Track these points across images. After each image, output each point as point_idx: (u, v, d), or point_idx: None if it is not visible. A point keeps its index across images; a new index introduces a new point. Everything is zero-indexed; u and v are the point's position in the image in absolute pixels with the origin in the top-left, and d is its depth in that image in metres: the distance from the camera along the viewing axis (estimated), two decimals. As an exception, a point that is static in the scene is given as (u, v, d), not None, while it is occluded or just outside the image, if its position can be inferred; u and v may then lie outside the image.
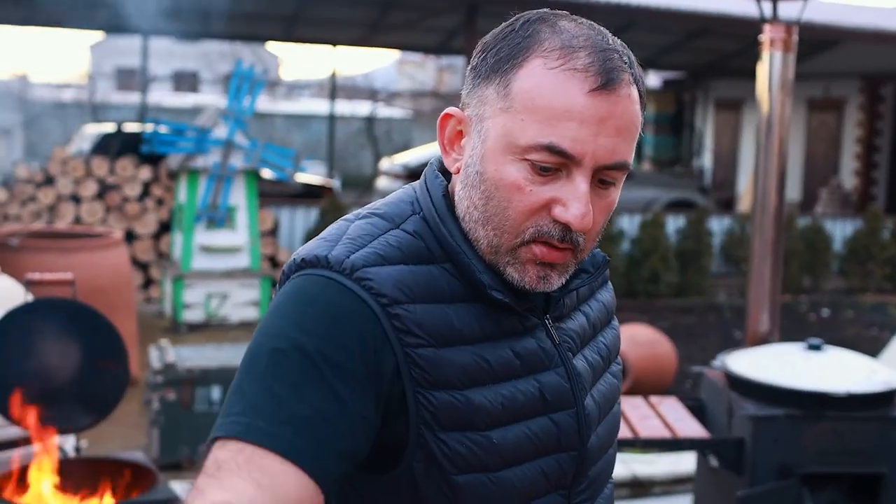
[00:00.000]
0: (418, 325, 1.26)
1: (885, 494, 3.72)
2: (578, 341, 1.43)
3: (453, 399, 1.27)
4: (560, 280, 1.34)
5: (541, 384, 1.35)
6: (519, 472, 1.33)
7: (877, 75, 17.09)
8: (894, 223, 13.11)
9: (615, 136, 1.27)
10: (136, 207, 9.61)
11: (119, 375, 3.50)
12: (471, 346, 1.30)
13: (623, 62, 1.28)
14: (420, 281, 1.29)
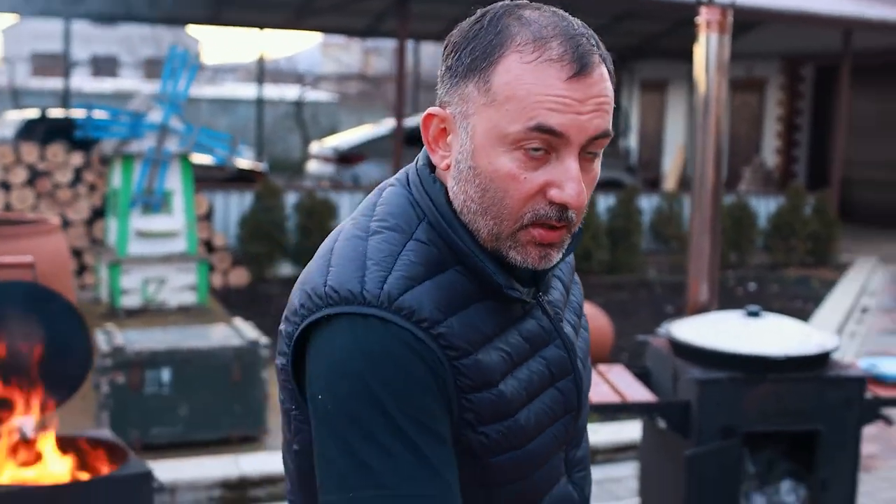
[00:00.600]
0: (458, 337, 1.36)
1: (821, 450, 3.92)
2: (562, 308, 1.55)
3: (491, 396, 1.38)
4: (559, 256, 1.43)
5: (546, 360, 1.48)
6: (539, 441, 1.46)
7: (797, 56, 17.53)
8: (816, 200, 13.51)
9: (595, 113, 1.36)
10: (67, 194, 9.54)
11: (83, 354, 3.55)
12: (491, 342, 1.40)
13: (591, 45, 1.38)
14: (445, 293, 1.37)
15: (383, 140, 14.90)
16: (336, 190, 12.07)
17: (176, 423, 5.51)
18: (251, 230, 10.53)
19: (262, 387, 5.71)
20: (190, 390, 5.54)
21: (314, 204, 10.96)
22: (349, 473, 1.30)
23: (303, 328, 1.39)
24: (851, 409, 3.94)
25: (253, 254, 10.52)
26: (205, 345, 5.62)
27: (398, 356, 1.31)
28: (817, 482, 3.99)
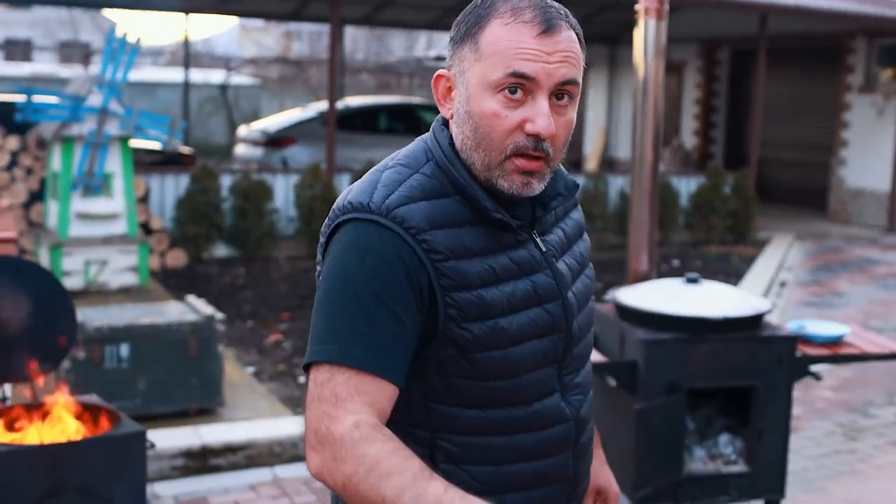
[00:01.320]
0: (441, 245, 1.68)
1: (756, 404, 4.26)
2: (559, 250, 1.86)
3: (471, 297, 1.70)
4: (540, 186, 1.75)
5: (534, 283, 1.78)
6: (522, 349, 1.75)
7: (713, 40, 17.99)
8: (735, 179, 13.96)
9: (561, 63, 1.69)
10: (4, 177, 9.57)
11: (67, 325, 3.72)
12: (480, 257, 1.72)
13: (559, 14, 1.71)
14: (438, 212, 1.71)
15: (312, 123, 15.01)
16: (271, 172, 12.20)
17: (135, 396, 5.67)
18: (188, 212, 10.64)
19: (219, 360, 5.90)
20: (148, 365, 5.70)
21: (250, 186, 11.10)
22: (322, 332, 1.65)
23: (327, 235, 1.75)
24: (783, 367, 4.28)
25: (190, 235, 10.63)
26: (162, 320, 5.79)
27: (382, 252, 1.65)
28: (753, 433, 4.33)
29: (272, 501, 5.01)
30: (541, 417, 1.79)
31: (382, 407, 1.61)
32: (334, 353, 1.61)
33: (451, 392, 1.73)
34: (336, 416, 1.57)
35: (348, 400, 1.58)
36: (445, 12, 16.10)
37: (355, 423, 1.55)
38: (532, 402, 1.79)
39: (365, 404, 1.59)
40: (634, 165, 4.86)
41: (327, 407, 1.58)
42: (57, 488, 3.18)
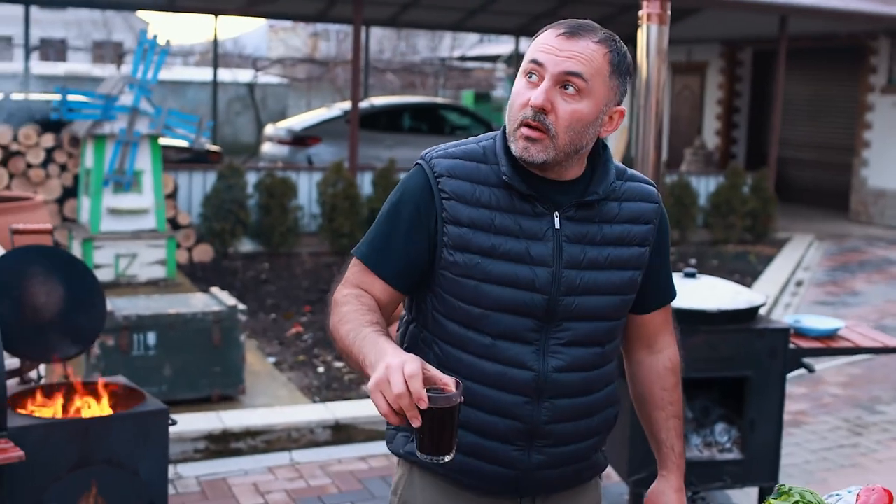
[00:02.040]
0: (452, 189, 2.13)
1: (750, 394, 4.46)
2: (581, 238, 2.16)
3: (459, 231, 2.12)
4: (539, 155, 2.09)
5: (529, 246, 2.12)
6: (496, 289, 2.12)
7: (736, 40, 18.10)
8: (754, 179, 14.07)
9: (569, 59, 2.07)
10: (40, 174, 9.88)
11: (97, 311, 3.98)
12: (485, 209, 2.12)
13: (589, 28, 2.10)
14: (464, 169, 2.15)
15: (337, 122, 15.25)
16: (295, 170, 12.46)
17: (161, 382, 5.92)
18: (214, 208, 10.92)
19: (241, 349, 6.16)
20: (173, 352, 5.96)
21: (274, 183, 11.37)
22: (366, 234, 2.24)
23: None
24: (776, 358, 4.48)
25: (216, 231, 10.92)
26: (187, 310, 6.05)
27: (414, 186, 2.17)
28: (747, 422, 4.53)
29: (289, 483, 5.25)
30: (503, 353, 2.13)
31: (374, 294, 2.16)
32: (358, 249, 2.21)
33: (444, 304, 2.16)
34: (340, 288, 2.18)
35: (350, 281, 2.18)
36: (469, 13, 16.33)
37: (345, 293, 2.14)
38: (498, 337, 2.13)
39: (358, 285, 2.17)
40: (638, 164, 5.05)
41: (341, 282, 2.20)
42: (86, 460, 3.44)
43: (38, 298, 3.83)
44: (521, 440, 2.16)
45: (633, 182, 2.26)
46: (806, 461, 5.87)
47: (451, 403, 1.86)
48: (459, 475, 2.20)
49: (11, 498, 3.33)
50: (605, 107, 2.12)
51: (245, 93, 23.28)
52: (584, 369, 2.18)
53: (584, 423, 2.22)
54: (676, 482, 2.40)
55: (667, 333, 2.42)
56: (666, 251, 2.33)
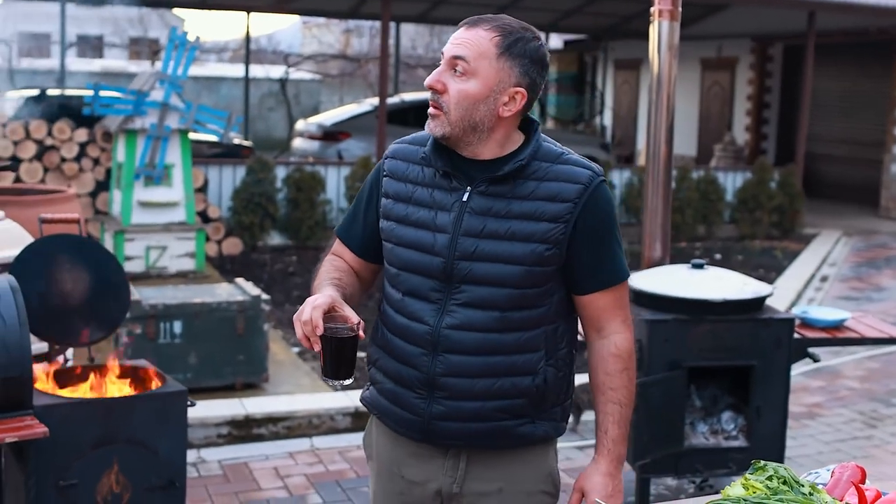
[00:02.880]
0: (391, 168, 2.50)
1: (755, 382, 4.56)
2: (486, 211, 2.36)
3: (387, 202, 2.48)
4: (437, 129, 2.36)
5: (436, 215, 2.40)
6: (404, 252, 2.43)
7: (766, 36, 18.07)
8: (781, 174, 14.07)
9: (460, 45, 2.33)
10: (73, 168, 10.10)
11: (122, 297, 4.15)
12: (411, 184, 2.45)
13: (489, 21, 2.35)
14: (405, 151, 2.50)
15: (366, 117, 15.39)
16: (323, 164, 12.63)
17: (186, 370, 6.10)
18: (243, 202, 11.12)
19: (264, 338, 6.32)
20: (199, 341, 6.14)
21: (303, 177, 11.55)
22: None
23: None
24: (781, 348, 4.57)
25: (245, 224, 11.11)
26: (212, 300, 6.22)
27: (374, 169, 2.56)
28: (752, 410, 4.63)
29: (308, 468, 5.41)
30: (407, 308, 2.43)
31: (346, 259, 2.57)
32: (337, 226, 2.64)
33: (384, 267, 2.54)
34: (324, 256, 2.60)
35: (330, 251, 2.61)
36: (499, 9, 16.42)
37: (325, 259, 2.57)
38: (406, 294, 2.43)
39: (333, 253, 2.59)
40: (649, 158, 5.16)
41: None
42: (108, 438, 3.60)
43: (65, 285, 3.99)
44: (422, 389, 2.41)
45: (565, 165, 2.40)
46: (819, 452, 5.95)
47: (342, 334, 2.22)
48: (385, 418, 2.51)
49: (37, 473, 3.49)
50: (495, 86, 2.33)
51: (278, 89, 23.48)
52: (477, 330, 2.36)
53: (482, 383, 2.37)
54: (605, 466, 2.45)
55: (615, 318, 2.47)
56: (603, 233, 2.41)
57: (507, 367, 2.38)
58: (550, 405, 2.47)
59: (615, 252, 2.45)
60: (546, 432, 2.48)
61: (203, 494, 5.02)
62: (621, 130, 21.42)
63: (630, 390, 2.48)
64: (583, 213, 2.37)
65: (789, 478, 2.24)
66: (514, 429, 2.43)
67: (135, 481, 3.67)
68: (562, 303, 2.45)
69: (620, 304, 2.48)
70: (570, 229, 2.36)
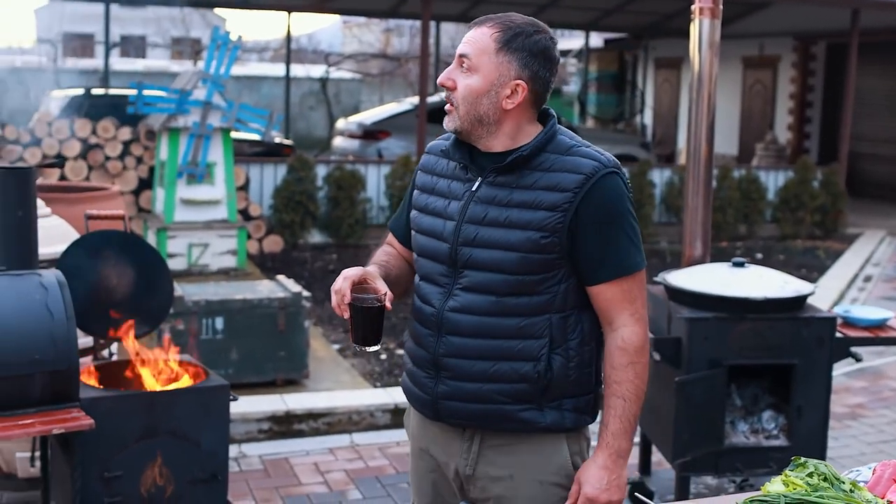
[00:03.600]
0: (423, 163, 2.68)
1: (796, 381, 4.54)
2: (490, 200, 2.47)
3: (416, 193, 2.66)
4: (449, 125, 2.49)
5: (449, 204, 2.54)
6: (422, 238, 2.59)
7: (808, 34, 17.92)
8: (824, 174, 13.96)
9: (465, 43, 2.46)
10: (117, 166, 10.22)
11: (165, 293, 4.20)
12: (437, 177, 2.60)
13: (492, 20, 2.45)
14: (437, 147, 2.65)
15: (406, 116, 15.43)
16: (364, 163, 12.69)
17: (228, 366, 6.16)
18: (284, 200, 11.19)
19: (305, 335, 6.37)
20: (240, 337, 6.20)
21: (343, 176, 11.61)
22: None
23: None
24: (823, 347, 4.54)
25: (286, 222, 11.19)
26: (253, 296, 6.28)
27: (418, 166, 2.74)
28: (793, 410, 4.61)
29: (348, 464, 5.45)
30: (421, 291, 2.58)
31: (395, 246, 2.76)
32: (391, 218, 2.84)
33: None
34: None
35: (385, 240, 2.81)
36: (540, 8, 16.40)
37: (382, 245, 2.78)
38: (422, 278, 2.59)
39: (387, 243, 2.78)
40: (689, 157, 5.15)
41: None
42: (151, 431, 3.65)
43: (110, 280, 4.05)
44: (429, 369, 2.54)
45: (573, 156, 2.45)
46: (861, 453, 5.91)
47: (368, 304, 2.40)
48: (409, 397, 2.65)
49: (82, 464, 3.55)
50: (496, 80, 2.42)
51: (318, 88, 23.59)
52: (475, 313, 2.46)
53: (479, 365, 2.47)
54: (602, 459, 2.46)
55: (623, 312, 2.47)
56: (608, 224, 2.43)
57: (505, 351, 2.46)
58: (561, 395, 2.49)
59: (622, 244, 2.45)
60: (555, 421, 2.50)
61: (244, 489, 5.07)
62: (661, 129, 21.33)
63: (636, 385, 2.47)
64: (584, 203, 2.40)
65: (830, 475, 2.24)
66: (517, 413, 2.48)
67: (178, 474, 3.72)
68: (574, 293, 2.47)
69: (629, 298, 2.47)
70: (568, 219, 2.40)
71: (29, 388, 3.37)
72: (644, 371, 2.49)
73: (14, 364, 3.34)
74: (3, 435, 3.30)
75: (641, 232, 2.58)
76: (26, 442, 4.23)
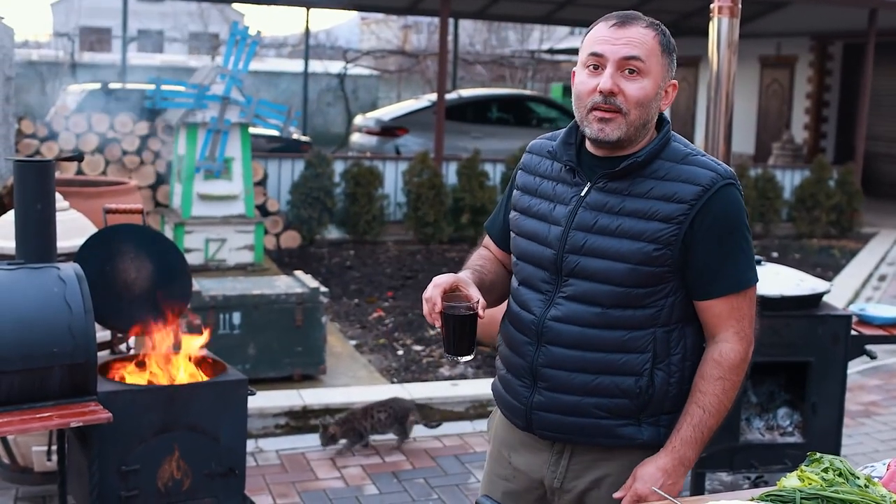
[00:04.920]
0: (525, 162, 2.60)
1: (811, 378, 4.54)
2: (601, 207, 2.39)
3: (516, 193, 2.58)
4: (614, 133, 2.35)
5: (555, 208, 2.45)
6: (523, 242, 2.51)
7: (825, 34, 17.86)
8: (840, 173, 13.92)
9: (626, 45, 2.34)
10: (134, 160, 10.26)
11: (183, 287, 4.23)
12: (540, 178, 2.52)
13: (637, 16, 2.38)
14: (541, 147, 2.58)
15: (424, 113, 15.45)
16: (381, 159, 12.71)
17: (245, 361, 6.18)
18: (302, 196, 11.22)
19: (322, 330, 6.39)
20: (257, 332, 6.22)
21: (361, 172, 11.63)
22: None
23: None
24: (838, 344, 4.55)
25: (304, 218, 11.22)
26: (271, 292, 6.30)
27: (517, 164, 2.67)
28: (808, 407, 4.61)
29: (365, 459, 5.47)
30: (521, 297, 2.50)
31: (491, 250, 2.70)
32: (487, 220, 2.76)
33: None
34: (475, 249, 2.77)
35: (482, 243, 2.76)
36: (558, 6, 16.41)
37: (479, 247, 2.74)
38: (521, 283, 2.51)
39: (484, 246, 2.73)
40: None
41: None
42: (170, 425, 3.68)
43: (129, 274, 4.08)
44: (526, 377, 2.48)
45: (690, 165, 2.36)
46: (875, 450, 5.90)
47: (459, 312, 2.32)
48: (499, 403, 2.59)
49: (100, 458, 3.58)
50: (661, 82, 2.39)
51: (336, 84, 23.62)
52: (579, 324, 2.39)
53: (579, 377, 2.40)
54: (663, 461, 2.39)
55: (728, 327, 2.41)
56: (724, 239, 2.36)
57: (607, 364, 2.38)
58: (659, 411, 2.43)
59: (738, 259, 2.39)
60: (651, 438, 2.44)
61: (261, 483, 5.09)
62: (679, 128, 21.28)
63: (720, 400, 2.40)
64: (700, 215, 2.33)
65: (845, 470, 2.25)
66: (615, 428, 2.42)
67: (195, 468, 3.75)
68: (680, 307, 2.41)
69: (737, 316, 2.41)
70: (683, 231, 2.33)
71: (47, 382, 3.40)
72: (733, 390, 2.42)
73: (32, 357, 3.37)
74: (22, 428, 3.33)
75: None
76: (42, 436, 4.27)
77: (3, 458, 4.64)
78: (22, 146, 10.02)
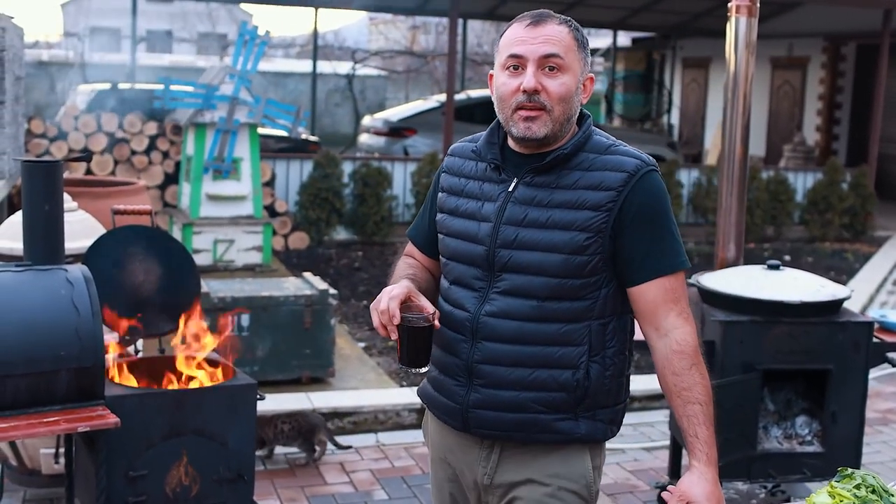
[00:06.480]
0: (448, 164, 2.62)
1: (831, 386, 4.46)
2: (529, 201, 2.42)
3: (442, 195, 2.59)
4: (541, 130, 2.38)
5: (483, 206, 2.48)
6: (453, 241, 2.52)
7: (838, 35, 17.77)
8: (853, 175, 13.83)
9: (544, 43, 2.36)
10: (143, 160, 10.21)
11: (191, 289, 4.16)
12: (465, 178, 2.55)
13: (552, 16, 2.39)
14: (463, 149, 2.61)
15: (432, 114, 15.39)
16: (390, 160, 12.64)
17: (253, 363, 6.11)
18: (310, 197, 11.16)
19: (331, 332, 6.32)
20: (266, 334, 6.15)
21: (369, 173, 11.57)
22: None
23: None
24: (859, 352, 4.47)
25: (312, 219, 11.15)
26: (279, 293, 6.23)
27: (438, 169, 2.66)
28: (828, 415, 4.53)
29: (374, 463, 5.40)
30: (453, 296, 2.51)
31: (417, 258, 2.69)
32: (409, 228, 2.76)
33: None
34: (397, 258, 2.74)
35: (405, 251, 2.75)
36: (567, 7, 16.32)
37: (399, 260, 2.71)
38: (453, 282, 2.51)
39: (406, 253, 2.73)
40: (724, 157, 5.07)
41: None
42: (178, 429, 3.60)
43: (137, 276, 4.02)
44: (461, 376, 2.46)
45: (614, 155, 2.42)
46: (893, 459, 5.82)
47: (417, 324, 2.32)
48: (432, 407, 2.59)
49: (107, 462, 3.51)
50: (580, 77, 2.42)
51: (344, 84, 23.57)
52: (515, 318, 2.39)
53: (517, 372, 2.40)
54: (711, 474, 2.30)
55: (670, 312, 2.38)
56: (651, 223, 2.38)
57: (544, 358, 2.39)
58: (595, 405, 2.43)
59: (666, 242, 2.40)
60: (588, 432, 2.44)
61: (269, 488, 5.02)
62: (688, 129, 21.20)
63: (705, 386, 2.36)
64: (627, 201, 2.36)
65: (878, 486, 2.17)
66: (552, 423, 2.41)
67: (203, 473, 3.68)
68: (613, 299, 2.41)
69: (674, 297, 2.38)
70: (612, 218, 2.36)
71: (54, 385, 3.33)
72: (705, 370, 2.39)
73: (39, 360, 3.30)
74: (29, 433, 3.27)
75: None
76: (50, 438, 4.20)
77: (11, 461, 4.59)
78: (32, 146, 9.98)
